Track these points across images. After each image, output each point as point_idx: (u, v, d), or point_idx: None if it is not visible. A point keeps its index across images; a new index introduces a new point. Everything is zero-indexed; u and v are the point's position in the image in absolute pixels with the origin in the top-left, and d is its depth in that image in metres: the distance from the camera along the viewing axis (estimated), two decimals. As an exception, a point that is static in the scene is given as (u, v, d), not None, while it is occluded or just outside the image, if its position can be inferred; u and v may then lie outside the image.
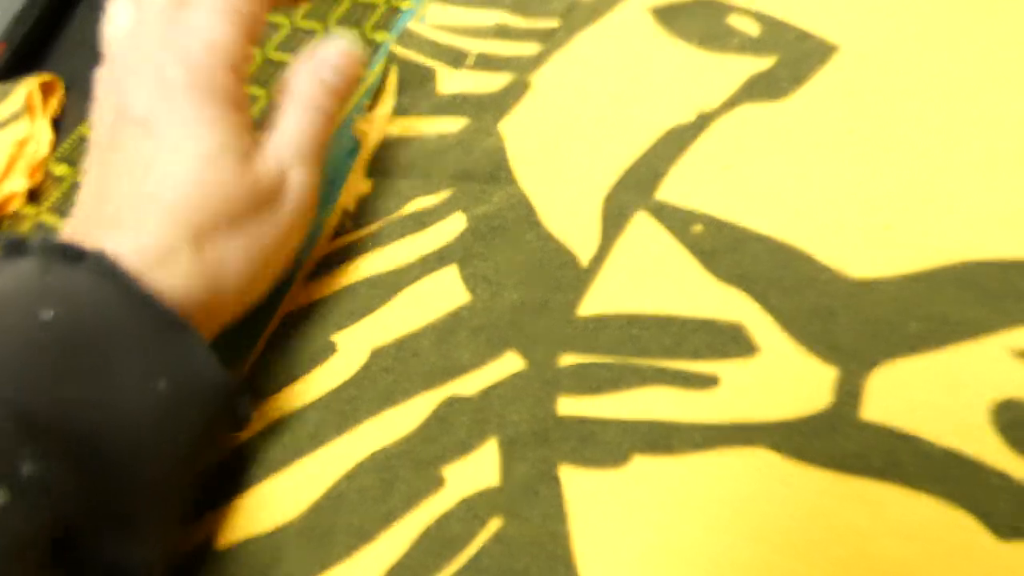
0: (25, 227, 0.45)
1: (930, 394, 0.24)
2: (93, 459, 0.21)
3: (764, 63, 0.34)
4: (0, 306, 0.21)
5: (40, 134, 0.49)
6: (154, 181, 0.25)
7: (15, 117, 0.50)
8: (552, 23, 0.40)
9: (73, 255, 0.22)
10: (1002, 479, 0.22)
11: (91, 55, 0.32)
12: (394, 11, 0.44)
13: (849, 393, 0.24)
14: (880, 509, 0.22)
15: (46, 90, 0.52)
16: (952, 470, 0.22)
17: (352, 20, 0.44)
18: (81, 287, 0.22)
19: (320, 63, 0.30)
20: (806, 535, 0.22)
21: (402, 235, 0.34)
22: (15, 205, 0.47)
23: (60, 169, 0.47)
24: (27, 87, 0.51)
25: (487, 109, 0.37)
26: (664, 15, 0.38)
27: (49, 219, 0.45)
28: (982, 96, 0.30)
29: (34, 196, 0.47)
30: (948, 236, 0.27)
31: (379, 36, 0.43)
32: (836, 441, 0.23)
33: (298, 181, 0.28)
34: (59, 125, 0.51)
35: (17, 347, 0.21)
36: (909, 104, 0.31)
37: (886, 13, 0.34)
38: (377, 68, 0.42)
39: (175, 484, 0.25)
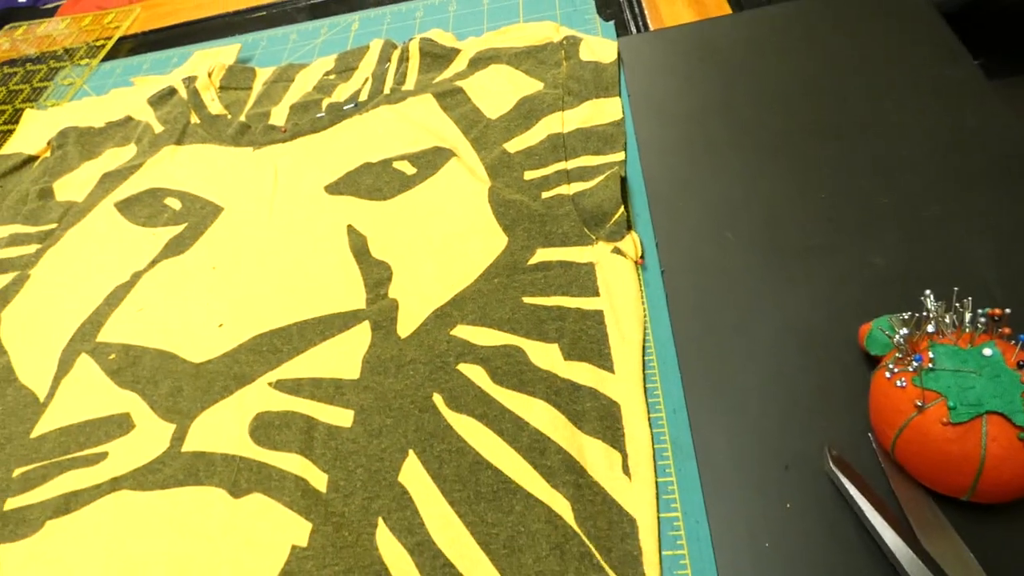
0: None
1: (220, 424, 0.39)
2: None
3: (179, 228, 0.51)
4: None
5: None
6: None
7: None
8: (52, 226, 0.54)
9: None
10: (244, 462, 0.37)
11: None
12: (-63, 239, 0.56)
13: (177, 438, 0.39)
14: (178, 503, 0.36)
15: None
16: (220, 466, 0.37)
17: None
18: None
19: None
20: (135, 535, 0.36)
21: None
22: None
23: None
24: None
25: (-8, 304, 0.49)
26: (123, 206, 0.53)
27: None
28: (276, 236, 0.48)
29: None
30: (248, 323, 0.43)
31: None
32: (163, 471, 0.38)
33: None
34: None
35: None
36: (247, 244, 0.48)
37: (252, 184, 0.52)
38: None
39: None
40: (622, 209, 0.41)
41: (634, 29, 0.56)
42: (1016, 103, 0.44)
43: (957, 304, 0.29)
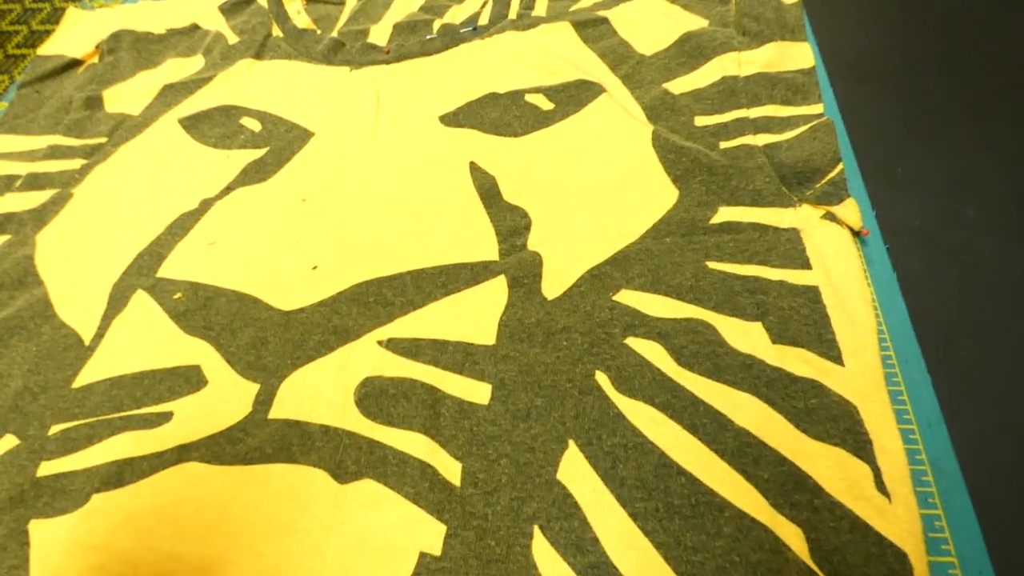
0: None
1: (317, 387, 0.31)
2: None
3: (259, 152, 0.43)
4: None
5: None
6: None
7: None
8: (100, 140, 0.46)
9: None
10: (350, 437, 0.29)
11: None
12: (-38, 144, 0.48)
13: (263, 401, 0.31)
14: (265, 484, 0.29)
15: None
16: (320, 440, 0.29)
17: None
18: None
19: None
20: (209, 522, 0.28)
21: (-72, 351, 0.36)
22: None
23: None
24: None
25: (27, 223, 0.41)
26: (189, 124, 0.45)
27: None
28: (381, 168, 0.40)
29: None
30: (349, 267, 0.35)
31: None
32: (244, 441, 0.30)
33: None
34: None
35: None
36: (345, 175, 0.40)
37: (348, 108, 0.44)
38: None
39: None
40: (841, 166, 0.33)
41: (804, -29, 0.48)
42: None
43: None
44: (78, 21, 0.55)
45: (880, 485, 0.25)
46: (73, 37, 0.53)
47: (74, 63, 0.51)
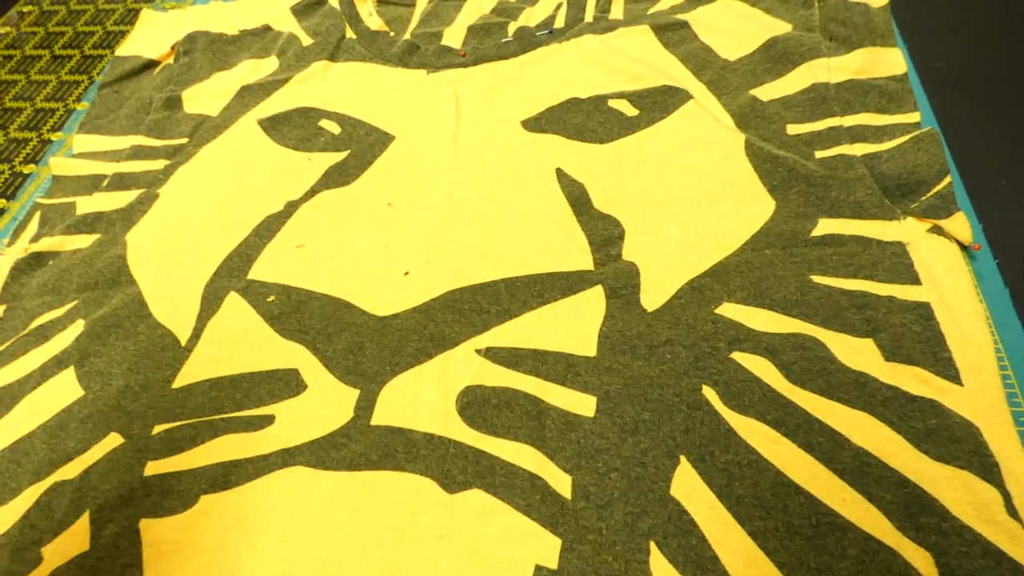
0: None
1: (418, 395, 0.31)
2: None
3: (341, 155, 0.43)
4: None
5: None
6: None
7: None
8: (182, 140, 0.46)
9: None
10: (456, 447, 0.30)
11: None
12: (45, 143, 0.48)
13: (364, 407, 0.31)
14: (372, 490, 0.29)
15: None
16: (425, 449, 0.30)
17: (4, 156, 0.48)
18: None
19: None
20: (317, 526, 0.28)
21: (26, 349, 0.37)
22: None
23: None
24: None
25: (115, 223, 0.42)
26: (268, 125, 0.45)
27: None
28: (466, 173, 0.40)
29: None
30: (441, 274, 0.35)
31: (27, 169, 0.47)
32: (348, 446, 0.30)
33: None
34: None
35: None
36: (430, 180, 0.40)
37: (428, 112, 0.44)
38: (17, 204, 0.46)
39: None
40: (949, 179, 0.32)
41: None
42: None
43: None
44: (152, 22, 0.56)
45: (1011, 510, 0.24)
46: (148, 38, 0.54)
47: (151, 64, 0.52)
